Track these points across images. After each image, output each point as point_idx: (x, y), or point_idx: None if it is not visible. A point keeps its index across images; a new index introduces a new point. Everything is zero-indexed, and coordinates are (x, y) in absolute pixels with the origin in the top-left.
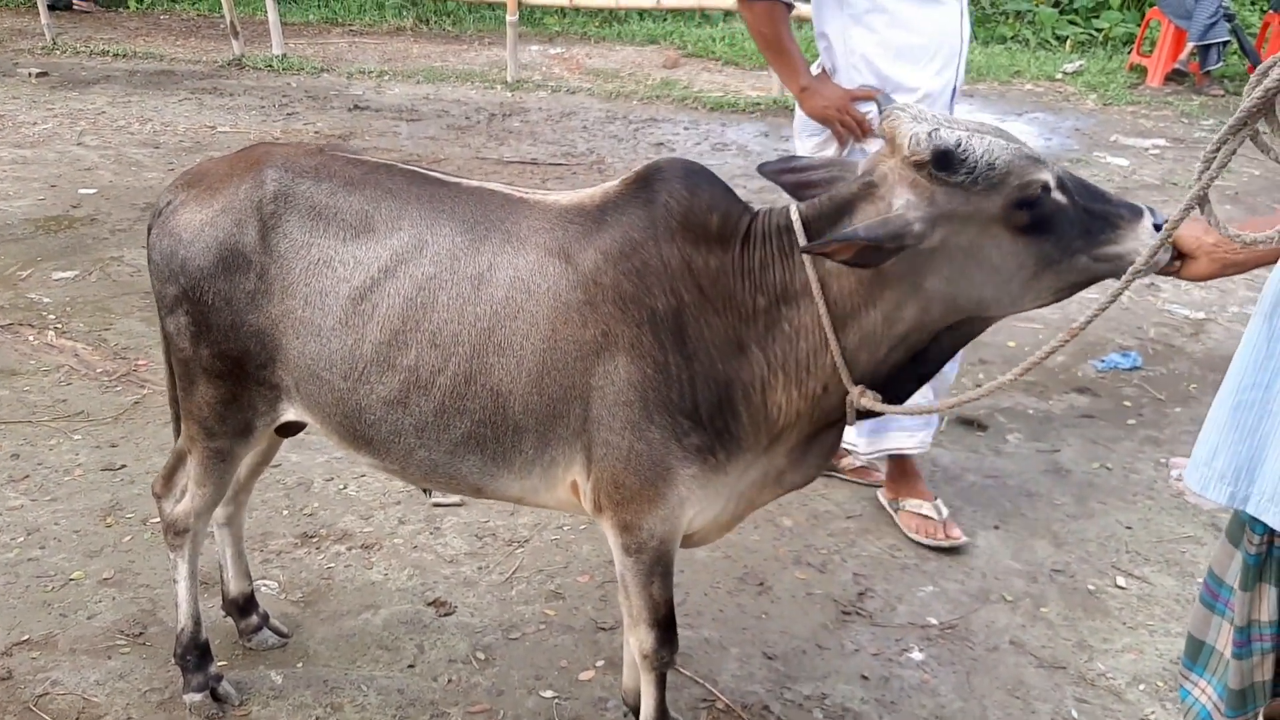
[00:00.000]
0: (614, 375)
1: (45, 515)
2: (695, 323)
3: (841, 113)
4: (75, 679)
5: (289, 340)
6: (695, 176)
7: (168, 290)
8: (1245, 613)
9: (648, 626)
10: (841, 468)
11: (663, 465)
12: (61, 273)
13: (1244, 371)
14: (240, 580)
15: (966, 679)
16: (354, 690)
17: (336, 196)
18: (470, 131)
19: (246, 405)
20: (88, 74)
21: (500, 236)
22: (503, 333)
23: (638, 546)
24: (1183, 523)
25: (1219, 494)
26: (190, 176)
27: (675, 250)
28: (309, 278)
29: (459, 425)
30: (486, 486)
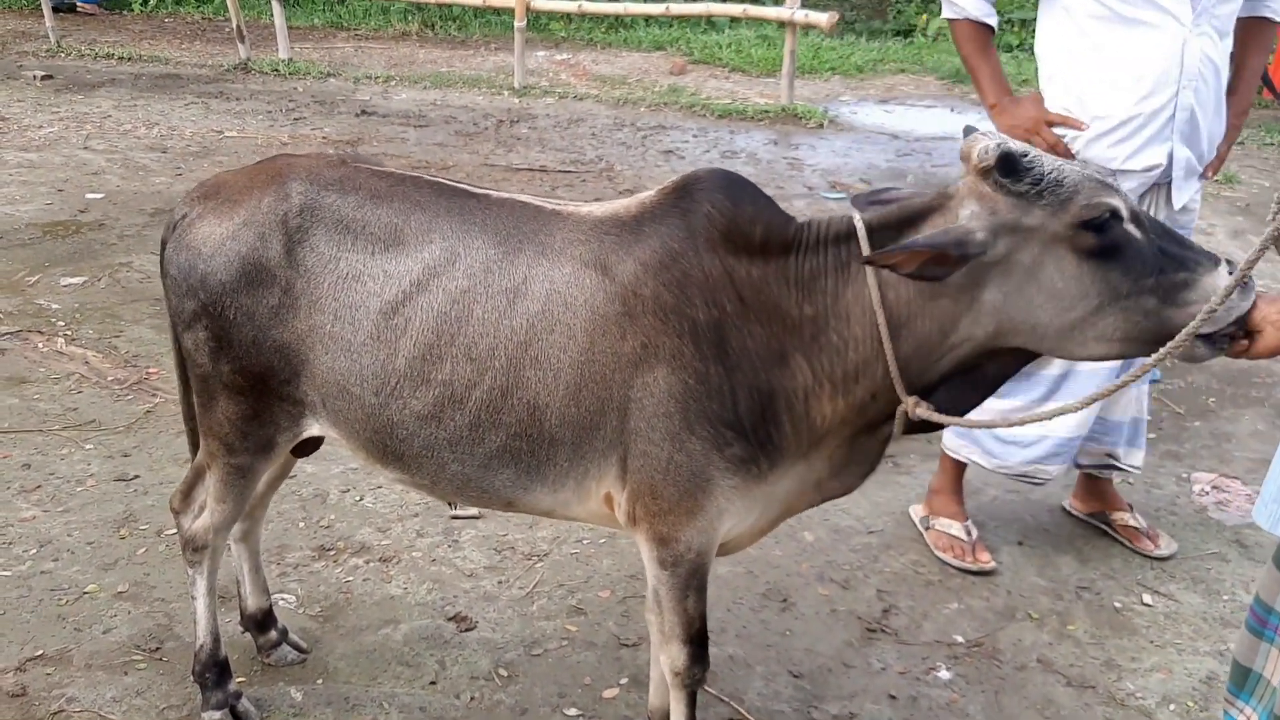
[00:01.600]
0: (654, 387)
1: (58, 527)
2: (737, 333)
3: (1031, 134)
4: (91, 696)
5: (317, 355)
6: (737, 187)
7: (186, 305)
8: None
9: (681, 643)
10: (1114, 522)
11: (703, 476)
12: (70, 279)
13: None
14: (258, 595)
15: (995, 699)
16: (375, 708)
17: (364, 209)
18: (478, 138)
19: (268, 421)
20: (93, 77)
21: (535, 249)
22: (539, 346)
23: (674, 559)
24: (1207, 539)
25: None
26: (207, 189)
27: (717, 260)
28: (338, 292)
29: (494, 439)
30: (519, 500)
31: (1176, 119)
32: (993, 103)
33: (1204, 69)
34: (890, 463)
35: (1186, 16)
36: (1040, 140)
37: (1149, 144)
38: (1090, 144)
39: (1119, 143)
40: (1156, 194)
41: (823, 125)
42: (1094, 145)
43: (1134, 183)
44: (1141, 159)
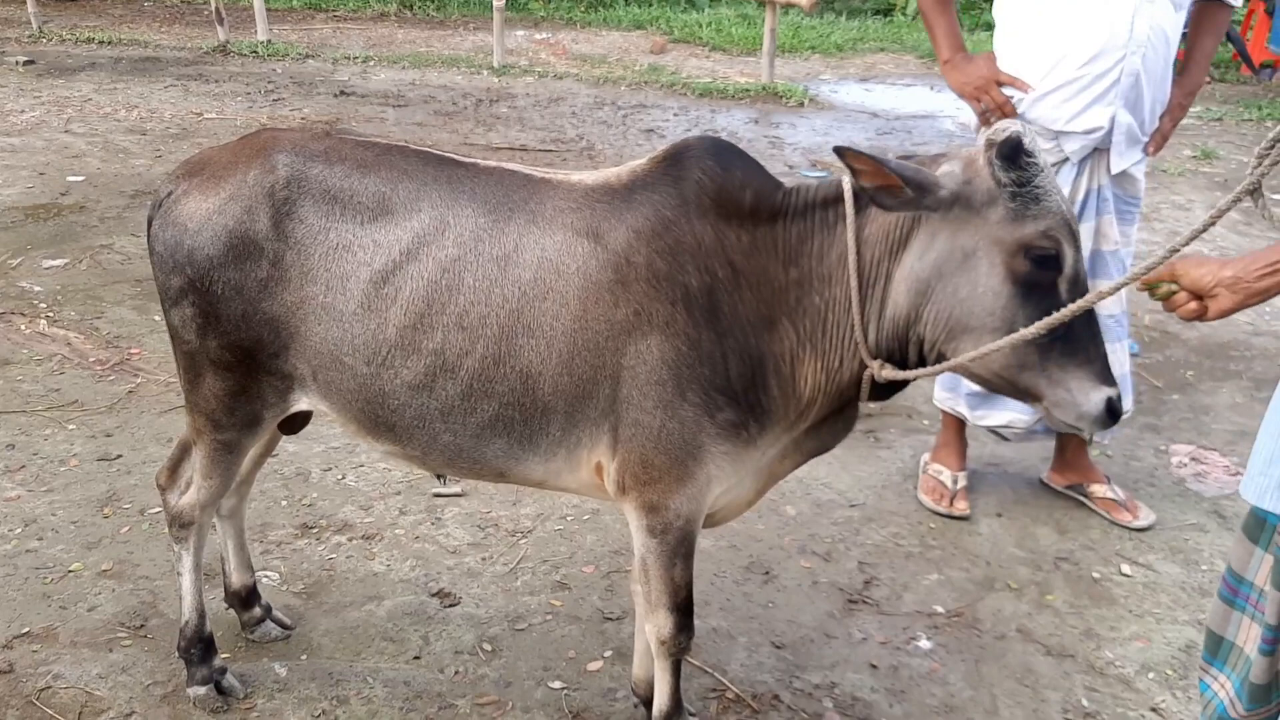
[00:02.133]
0: (646, 354)
1: (42, 506)
2: (729, 299)
3: (981, 91)
4: (77, 672)
5: (308, 326)
6: (728, 153)
7: (172, 282)
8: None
9: (667, 611)
10: (1092, 494)
11: (694, 443)
12: (51, 261)
13: None
14: (243, 572)
15: (975, 667)
16: (359, 682)
17: (351, 179)
18: (457, 117)
19: (256, 396)
20: (74, 61)
21: (525, 217)
22: (532, 314)
23: (663, 527)
24: (1185, 510)
25: (1276, 504)
26: (192, 165)
27: (709, 227)
28: (328, 262)
29: (486, 408)
30: (511, 470)
31: (1121, 84)
32: (946, 58)
33: (1153, 37)
34: (871, 437)
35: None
36: (989, 99)
37: (1091, 106)
38: (1035, 104)
39: (1063, 103)
40: (1097, 159)
41: (803, 104)
42: (1039, 105)
43: (1076, 144)
44: (1084, 120)
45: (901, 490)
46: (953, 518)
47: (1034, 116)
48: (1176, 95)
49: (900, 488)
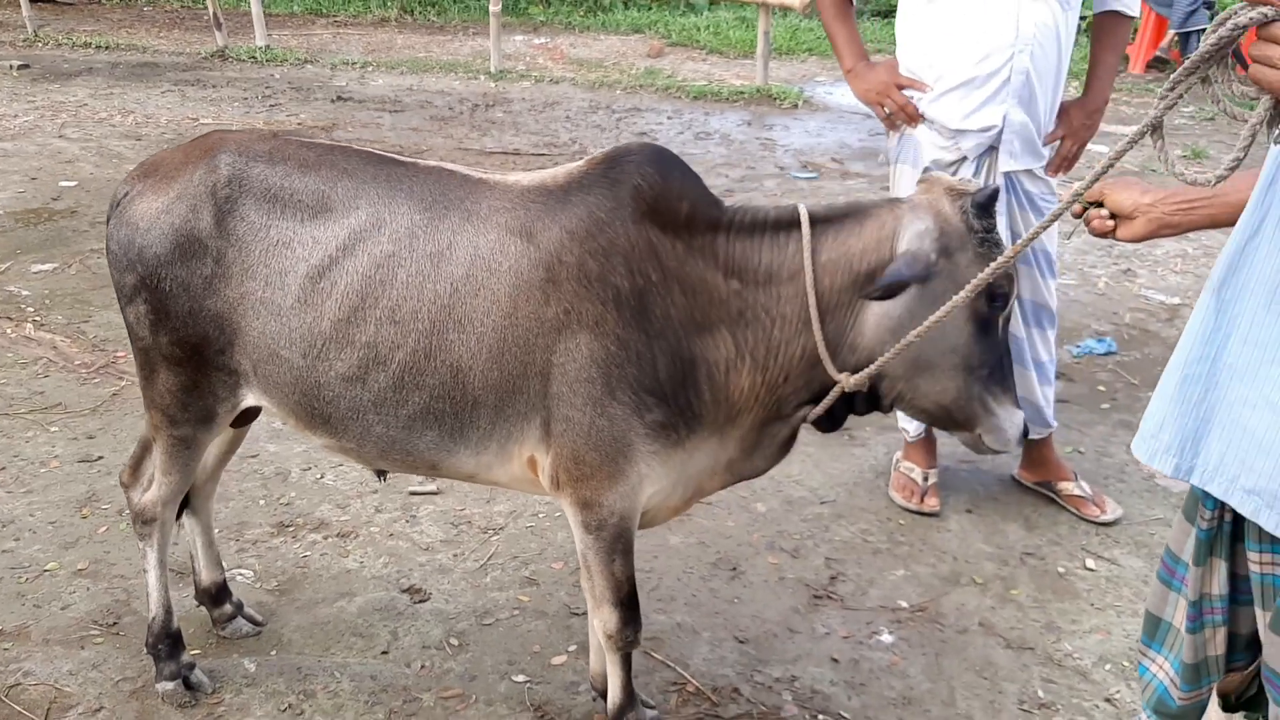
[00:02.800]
0: (576, 352)
1: (21, 507)
2: (661, 302)
3: (882, 96)
4: (48, 669)
5: (248, 322)
6: (668, 162)
7: (126, 280)
8: (1198, 587)
9: (611, 606)
10: (1060, 491)
11: (624, 441)
12: (41, 265)
13: (1192, 345)
14: (212, 569)
15: (935, 660)
16: (327, 677)
17: (292, 178)
18: (453, 122)
19: (207, 392)
20: (70, 66)
21: (460, 215)
22: (463, 309)
23: (598, 524)
24: (1153, 505)
25: (1165, 465)
26: (146, 166)
27: (643, 231)
28: (268, 259)
29: (416, 399)
30: (442, 463)
31: (1012, 82)
32: (849, 67)
33: (1040, 34)
34: (845, 435)
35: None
36: (890, 102)
37: (985, 104)
38: (933, 103)
39: (959, 102)
40: (992, 158)
41: (797, 105)
42: (936, 105)
43: (972, 142)
44: (978, 119)
45: (873, 488)
46: (923, 514)
47: (932, 116)
48: (1078, 116)
49: (872, 485)
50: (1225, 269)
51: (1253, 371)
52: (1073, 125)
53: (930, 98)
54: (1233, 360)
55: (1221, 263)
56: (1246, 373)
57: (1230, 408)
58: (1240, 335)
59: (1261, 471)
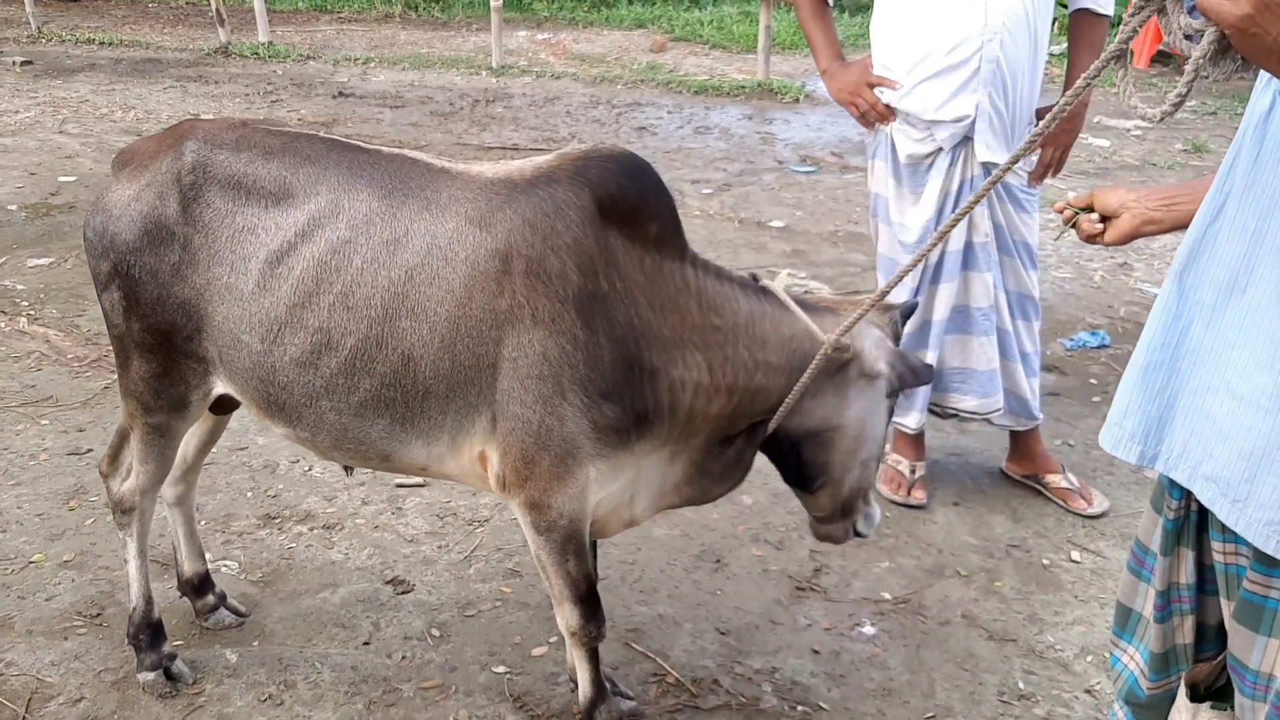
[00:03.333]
0: (529, 348)
1: (9, 499)
2: (624, 309)
3: (854, 95)
4: (30, 660)
5: (213, 307)
6: (642, 174)
7: (101, 267)
8: (1165, 576)
9: (571, 604)
10: (1048, 484)
11: (573, 443)
12: (37, 259)
13: (1155, 332)
14: (194, 560)
15: (916, 652)
16: (308, 668)
17: (255, 165)
18: (453, 118)
19: (179, 379)
20: (73, 62)
21: (419, 203)
22: (416, 297)
23: (548, 525)
24: (1140, 498)
25: (1129, 453)
26: (124, 156)
27: (610, 237)
28: (233, 245)
29: (367, 386)
30: (394, 453)
31: (982, 71)
32: (824, 68)
33: (1009, 23)
34: None
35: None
36: (862, 100)
37: (957, 94)
38: (905, 97)
39: (931, 93)
40: (970, 149)
41: (798, 100)
42: (908, 98)
43: (946, 132)
44: (951, 109)
45: None
46: (909, 506)
47: (906, 109)
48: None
49: None
50: (1187, 255)
51: (1214, 357)
52: (1053, 132)
53: (903, 91)
54: (1194, 346)
55: (1183, 249)
56: (1208, 358)
57: (1193, 394)
58: (1202, 320)
59: (1220, 459)
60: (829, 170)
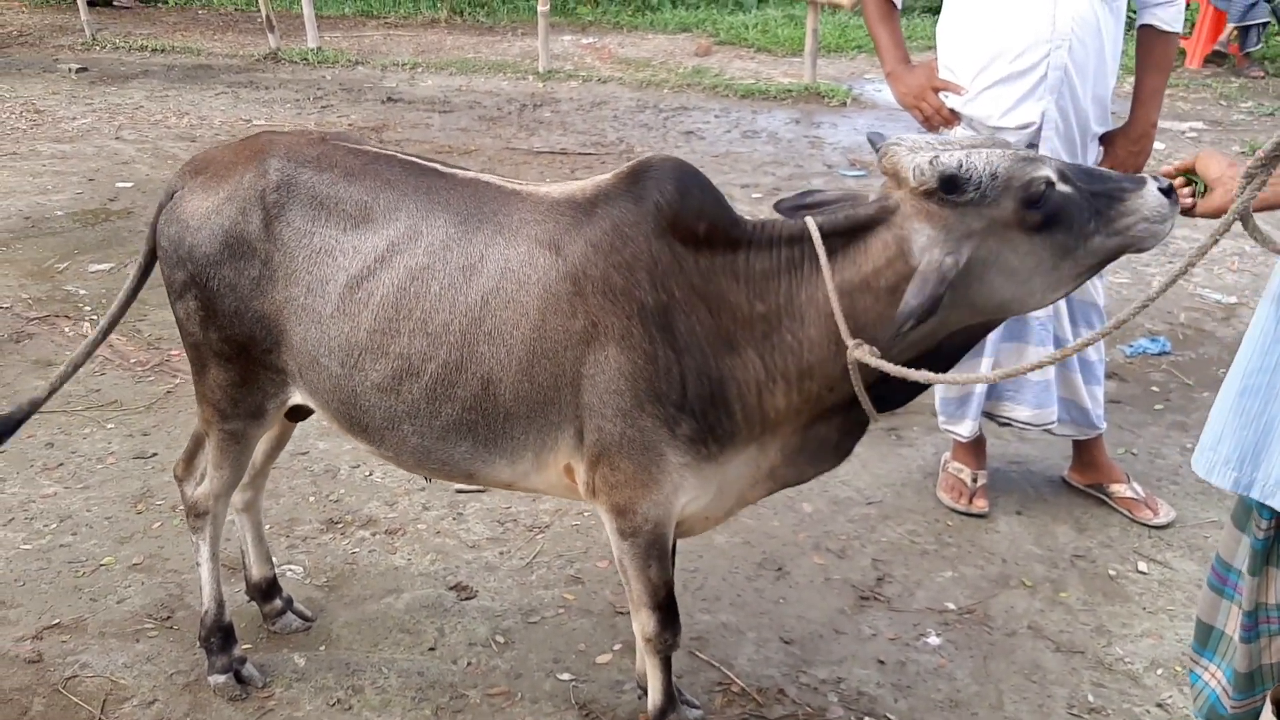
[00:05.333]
0: (605, 364)
1: (78, 502)
2: (685, 318)
3: (919, 99)
4: (104, 662)
5: (291, 326)
6: (688, 179)
7: (176, 276)
8: (1253, 596)
9: (649, 610)
10: (1112, 493)
11: (655, 452)
12: (98, 265)
13: (1250, 356)
14: (262, 565)
15: (983, 663)
16: (375, 673)
17: (338, 186)
18: (501, 122)
19: (256, 388)
20: (126, 69)
21: (492, 228)
22: (493, 321)
23: (633, 530)
24: (1206, 508)
25: (1224, 479)
26: (196, 164)
27: (666, 247)
28: (311, 265)
29: (449, 411)
30: (479, 472)
31: (1049, 79)
32: (889, 70)
33: (1078, 29)
34: (894, 435)
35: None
36: (926, 105)
37: (1022, 101)
38: (969, 103)
39: (996, 99)
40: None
41: (845, 103)
42: (973, 104)
43: (1011, 140)
44: (1016, 116)
45: (921, 488)
46: (971, 515)
47: (970, 114)
48: (1123, 146)
49: (920, 486)
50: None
51: None
52: (1118, 156)
53: (968, 97)
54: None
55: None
56: None
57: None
58: None
59: None
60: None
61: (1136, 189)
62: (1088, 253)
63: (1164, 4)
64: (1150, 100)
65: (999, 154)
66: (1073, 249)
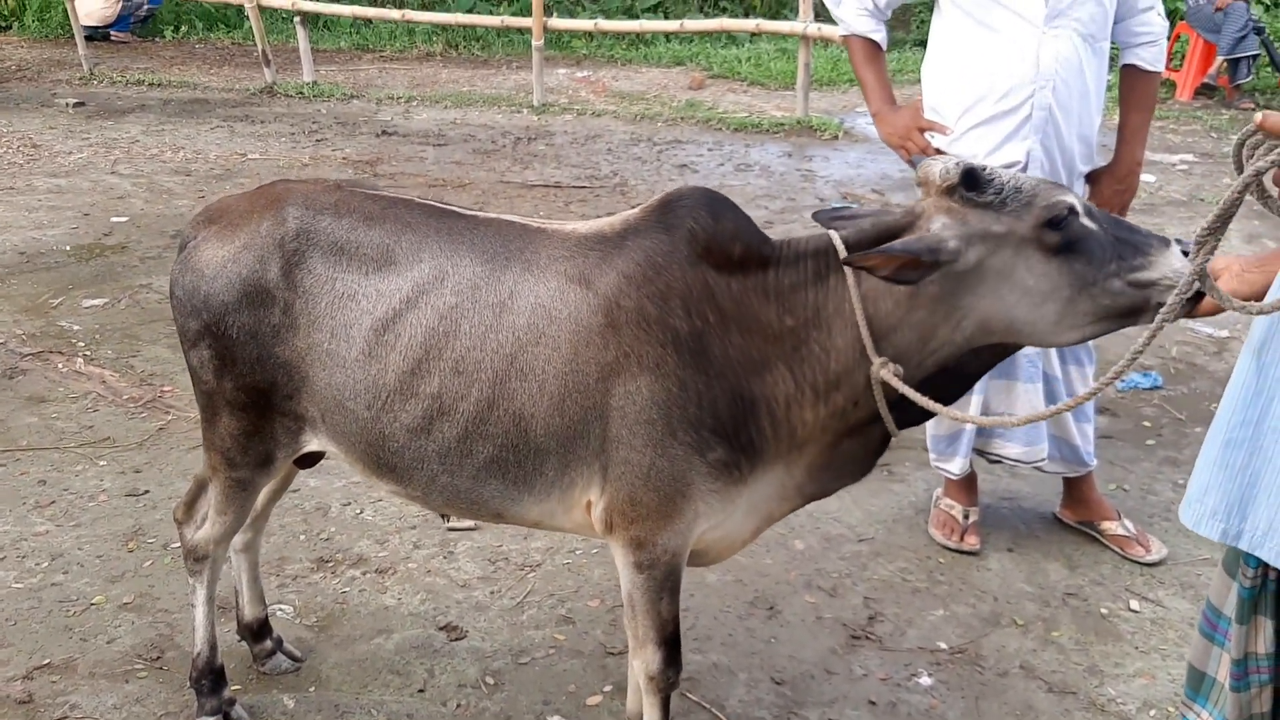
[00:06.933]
0: (636, 395)
1: (69, 540)
2: (719, 342)
3: (904, 139)
4: (93, 703)
5: (315, 372)
6: (719, 204)
7: (190, 325)
8: (1242, 645)
9: (655, 645)
10: (1103, 530)
11: (683, 481)
12: (91, 300)
13: (1234, 409)
14: (255, 605)
15: (975, 704)
16: (364, 715)
17: (357, 231)
18: (495, 155)
19: (268, 437)
20: (123, 103)
21: (520, 265)
22: (525, 358)
23: (650, 562)
24: (1199, 545)
25: (1211, 530)
26: (211, 213)
27: (698, 274)
28: (334, 311)
29: (482, 451)
30: (507, 511)
31: (1034, 118)
32: (875, 111)
33: (1062, 70)
34: (885, 471)
35: (1038, 19)
36: (912, 145)
37: (1007, 141)
38: (954, 143)
39: (981, 139)
40: None
41: (837, 137)
42: (958, 144)
43: None
44: (1001, 155)
45: (913, 525)
46: (963, 552)
47: (956, 154)
48: (1109, 185)
49: (912, 522)
50: (1264, 330)
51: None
52: (1104, 195)
53: (953, 136)
54: (1277, 424)
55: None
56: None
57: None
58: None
59: None
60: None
61: (1162, 247)
62: (1105, 293)
63: (1146, 44)
64: (1134, 138)
65: (1029, 176)
66: (1090, 284)
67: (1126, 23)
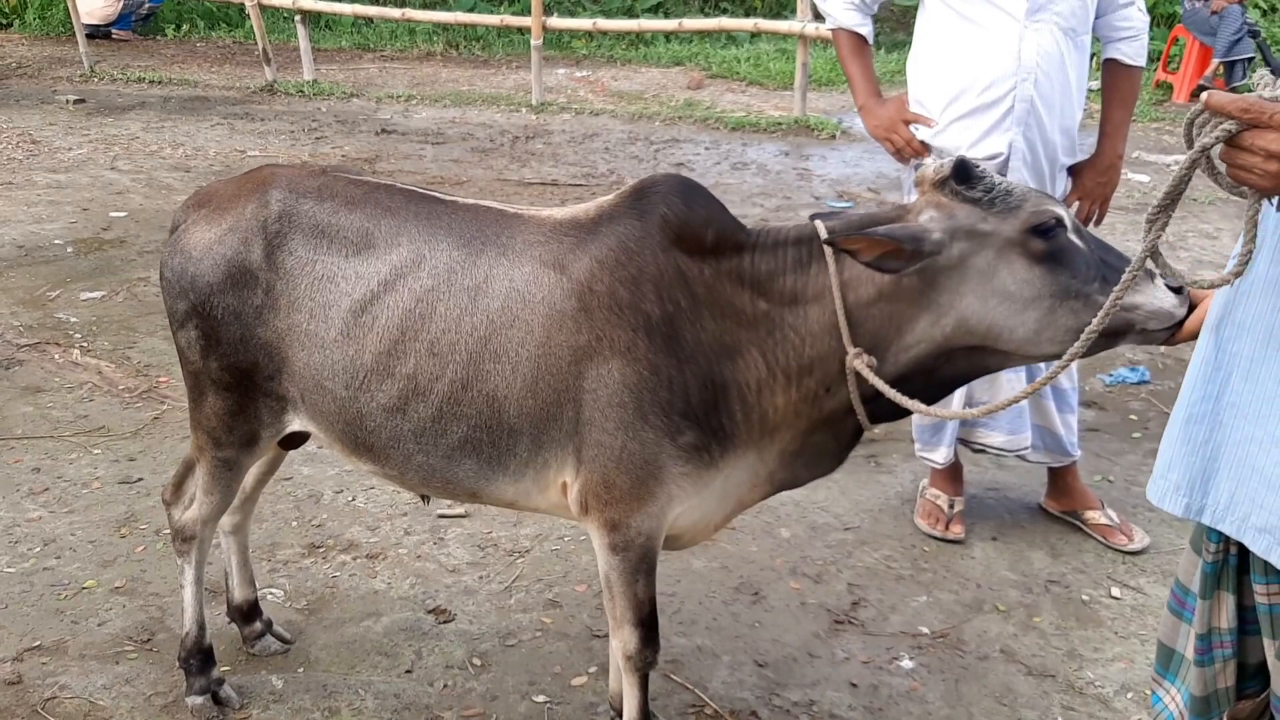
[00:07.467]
0: (608, 378)
1: (62, 526)
2: (691, 327)
3: (890, 132)
4: (83, 684)
5: (294, 352)
6: (692, 191)
7: (178, 305)
8: (1205, 620)
9: (632, 626)
10: (1087, 520)
11: (655, 464)
12: (89, 293)
13: (1194, 385)
14: (245, 588)
15: (955, 687)
16: (351, 695)
17: (338, 215)
18: (493, 154)
19: (253, 416)
20: (124, 100)
21: (496, 250)
22: (499, 341)
23: (625, 544)
24: (1181, 534)
25: (1175, 506)
26: (200, 197)
27: (670, 259)
28: (313, 292)
29: (456, 430)
30: (482, 491)
31: (1016, 110)
32: (861, 104)
33: (1043, 63)
34: (872, 462)
35: (1020, 12)
36: (897, 136)
37: (990, 133)
38: (939, 134)
39: (964, 131)
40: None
41: (835, 136)
42: (942, 136)
43: None
44: (984, 147)
45: (899, 514)
46: (947, 541)
47: (940, 145)
48: (1090, 177)
49: (898, 512)
50: (1222, 308)
51: (1256, 410)
52: (1086, 187)
53: (937, 129)
54: (1235, 399)
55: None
56: (1250, 411)
57: (1237, 446)
58: (1241, 373)
59: (1273, 509)
60: (865, 206)
61: (1146, 278)
62: (1088, 309)
63: (1127, 39)
64: (1116, 133)
65: (1024, 185)
66: (1072, 297)
67: (1108, 17)
